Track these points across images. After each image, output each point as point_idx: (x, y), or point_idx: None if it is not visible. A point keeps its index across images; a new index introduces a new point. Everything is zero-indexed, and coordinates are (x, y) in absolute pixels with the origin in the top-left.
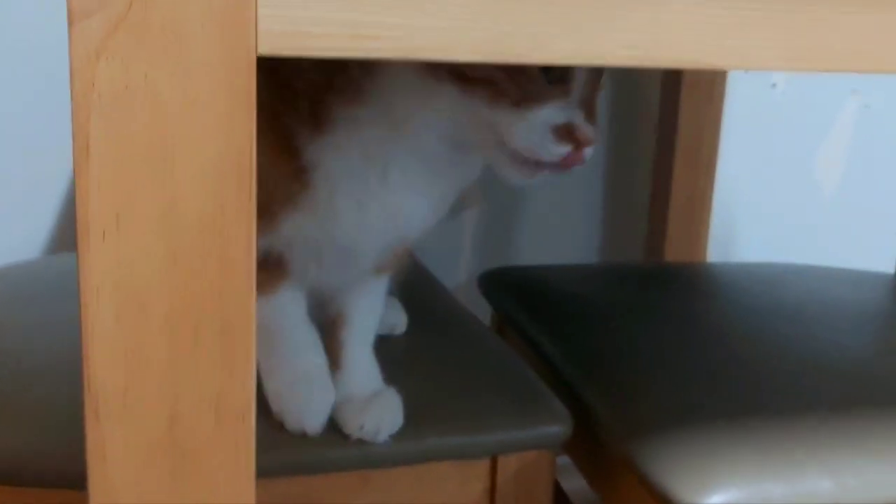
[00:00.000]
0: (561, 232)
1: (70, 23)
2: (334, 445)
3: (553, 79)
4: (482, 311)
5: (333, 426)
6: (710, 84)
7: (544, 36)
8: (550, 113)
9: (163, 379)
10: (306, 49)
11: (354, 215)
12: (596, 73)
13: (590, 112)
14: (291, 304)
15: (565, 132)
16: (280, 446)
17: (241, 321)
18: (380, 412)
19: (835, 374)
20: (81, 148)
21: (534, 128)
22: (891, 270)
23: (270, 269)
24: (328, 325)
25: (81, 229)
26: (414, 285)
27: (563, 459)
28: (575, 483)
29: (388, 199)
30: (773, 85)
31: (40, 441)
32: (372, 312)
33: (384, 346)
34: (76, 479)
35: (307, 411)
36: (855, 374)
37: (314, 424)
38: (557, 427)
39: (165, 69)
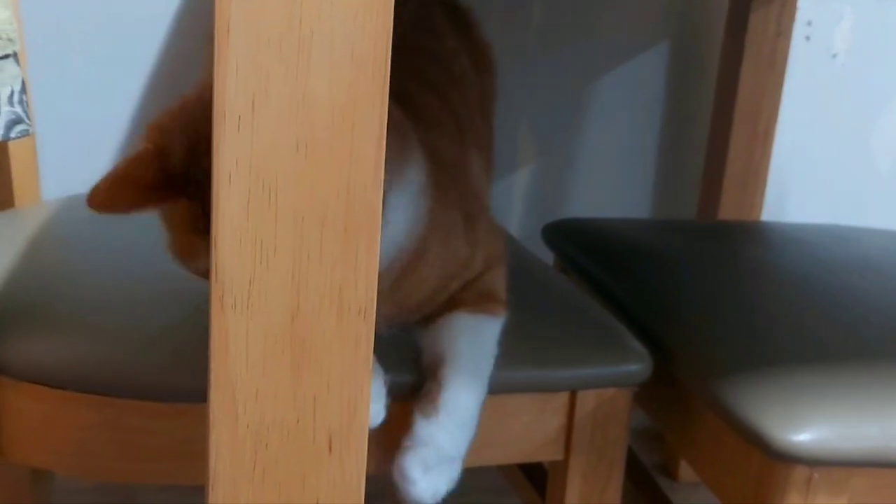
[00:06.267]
0: (613, 191)
1: None
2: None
3: None
4: None
5: (411, 357)
6: (772, 52)
7: None
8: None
9: (288, 270)
10: None
11: None
12: None
13: None
14: None
15: None
16: None
17: (366, 217)
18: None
19: None
20: (222, 31)
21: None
22: None
23: None
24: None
25: (218, 115)
26: None
27: None
28: None
29: None
30: (834, 55)
31: (129, 355)
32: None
33: None
34: (159, 391)
35: None
36: None
37: None
38: (637, 366)
39: None
